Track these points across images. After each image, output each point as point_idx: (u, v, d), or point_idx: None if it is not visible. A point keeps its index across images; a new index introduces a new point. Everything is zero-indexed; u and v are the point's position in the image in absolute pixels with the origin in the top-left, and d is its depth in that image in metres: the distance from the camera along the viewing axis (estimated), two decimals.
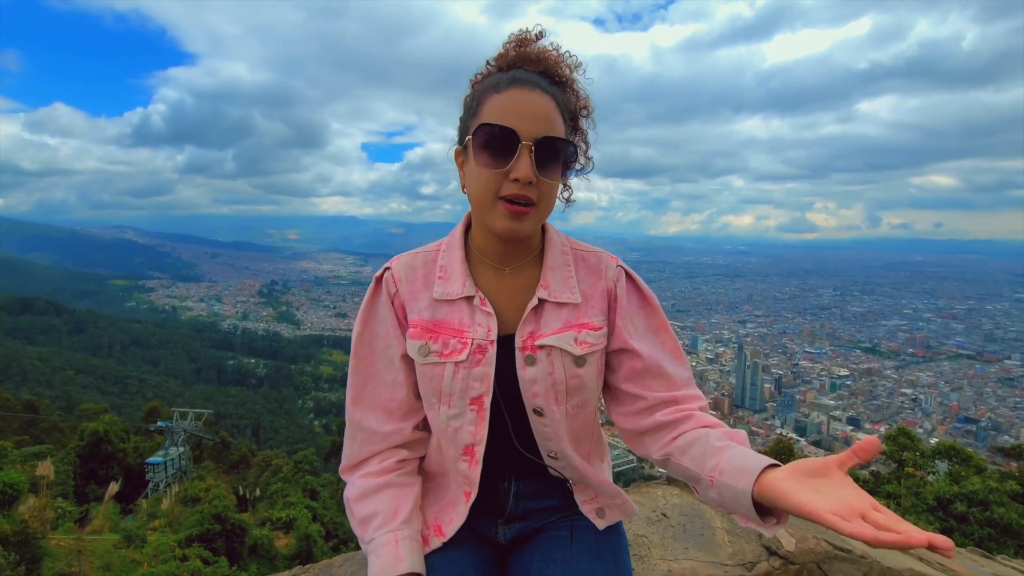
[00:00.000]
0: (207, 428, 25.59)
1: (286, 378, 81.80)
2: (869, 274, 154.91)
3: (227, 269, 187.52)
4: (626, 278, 1.01)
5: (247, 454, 25.13)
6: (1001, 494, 10.18)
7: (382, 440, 0.99)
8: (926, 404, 66.88)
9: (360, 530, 0.93)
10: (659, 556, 1.30)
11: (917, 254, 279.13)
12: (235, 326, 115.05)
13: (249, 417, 55.87)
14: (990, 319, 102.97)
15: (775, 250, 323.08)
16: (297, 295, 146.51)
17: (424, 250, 1.03)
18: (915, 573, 1.58)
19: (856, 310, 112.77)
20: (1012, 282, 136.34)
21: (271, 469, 21.00)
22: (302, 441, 46.79)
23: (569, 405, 0.95)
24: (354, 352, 1.00)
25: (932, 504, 10.16)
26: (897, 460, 11.95)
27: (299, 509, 13.18)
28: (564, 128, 0.90)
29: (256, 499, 16.92)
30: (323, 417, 66.80)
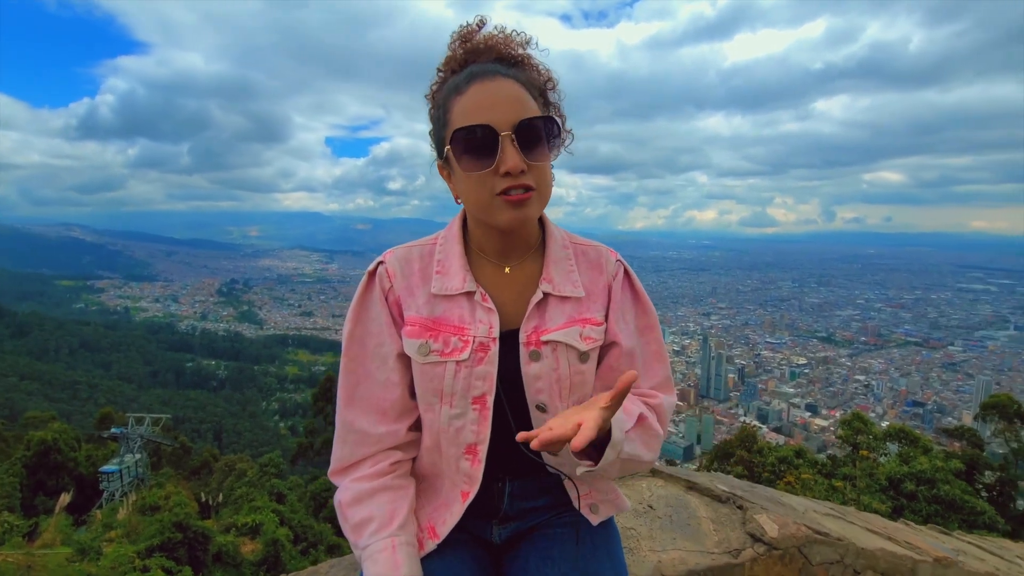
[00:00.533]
0: (165, 433, 24.56)
1: (249, 379, 79.32)
2: (825, 266, 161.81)
3: (183, 268, 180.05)
4: (624, 275, 1.00)
5: (209, 459, 24.25)
6: (946, 472, 10.84)
7: (375, 442, 0.94)
8: (878, 390, 70.58)
9: (354, 536, 0.89)
10: (648, 548, 1.30)
11: (869, 247, 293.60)
12: (193, 327, 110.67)
13: (210, 421, 53.90)
14: (935, 308, 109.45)
15: (737, 244, 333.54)
16: (259, 294, 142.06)
17: (420, 243, 0.98)
18: (886, 552, 1.64)
19: (813, 301, 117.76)
20: (955, 273, 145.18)
21: (235, 473, 20.34)
22: (267, 444, 45.49)
23: (571, 401, 0.93)
24: (345, 351, 0.95)
25: (884, 484, 10.73)
26: (852, 444, 12.56)
27: (265, 513, 12.80)
28: (537, 106, 0.87)
29: (219, 505, 16.36)
30: (289, 419, 65.19)
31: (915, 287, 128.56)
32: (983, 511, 10.30)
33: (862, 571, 1.53)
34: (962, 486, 11.01)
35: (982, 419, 16.68)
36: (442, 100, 0.89)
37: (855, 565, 1.52)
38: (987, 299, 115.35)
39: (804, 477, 10.78)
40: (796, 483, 10.42)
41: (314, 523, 14.57)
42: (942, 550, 1.97)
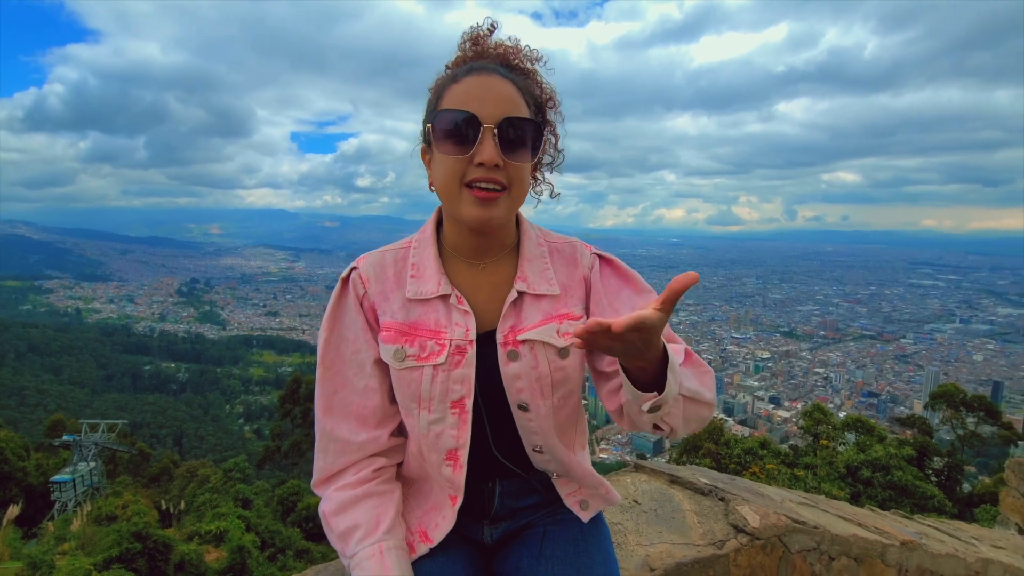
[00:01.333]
0: (122, 440, 23.51)
1: (211, 382, 76.58)
2: (787, 263, 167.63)
3: (139, 267, 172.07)
4: (601, 263, 1.00)
5: (169, 465, 23.34)
6: (899, 459, 11.37)
7: (357, 450, 0.92)
8: (836, 381, 73.62)
9: (341, 545, 0.88)
10: (635, 542, 1.31)
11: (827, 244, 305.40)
12: (151, 328, 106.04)
13: (170, 426, 51.86)
14: (888, 303, 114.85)
15: (704, 242, 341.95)
16: (222, 293, 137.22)
17: (393, 247, 0.98)
18: (858, 538, 1.70)
19: (776, 297, 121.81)
20: (906, 269, 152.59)
21: (197, 480, 19.65)
22: (232, 448, 44.10)
23: (555, 398, 0.92)
24: (321, 359, 0.94)
25: (843, 472, 11.19)
26: (813, 434, 13.05)
27: (231, 520, 12.40)
28: (529, 112, 0.88)
29: (181, 513, 15.77)
30: (254, 422, 63.30)
31: (870, 283, 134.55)
32: (933, 495, 10.88)
33: (836, 557, 1.58)
34: (914, 472, 11.60)
35: (931, 408, 17.62)
36: (439, 86, 0.90)
37: (830, 551, 1.57)
38: (935, 294, 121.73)
39: (769, 467, 11.14)
40: (761, 473, 10.77)
41: (282, 528, 14.20)
42: (907, 534, 2.05)
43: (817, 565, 1.53)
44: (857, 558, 1.65)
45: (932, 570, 1.94)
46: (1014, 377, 71.06)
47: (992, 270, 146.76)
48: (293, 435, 22.69)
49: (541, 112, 0.95)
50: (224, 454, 36.20)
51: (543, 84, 0.96)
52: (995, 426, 16.36)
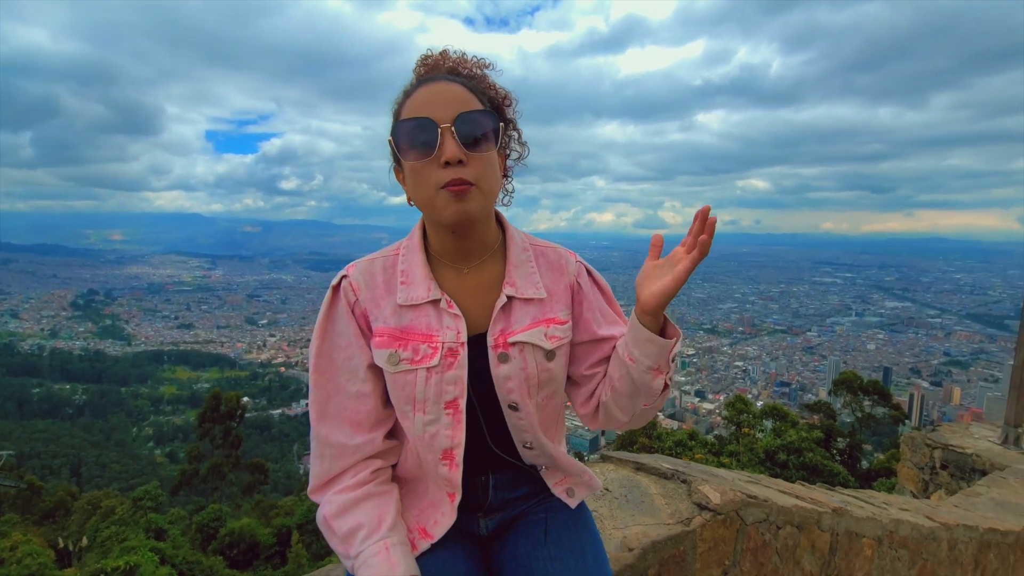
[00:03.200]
0: (6, 473, 20.79)
1: (115, 403, 69.36)
2: (707, 264, 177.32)
3: (25, 278, 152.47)
4: (587, 273, 1.05)
5: (65, 498, 20.87)
6: (809, 442, 12.44)
7: (353, 453, 0.94)
8: (753, 373, 79.43)
9: (344, 547, 0.88)
10: (612, 526, 1.37)
11: (743, 246, 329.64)
12: (40, 346, 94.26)
13: (66, 454, 46.33)
14: (796, 299, 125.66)
15: (633, 245, 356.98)
16: (126, 305, 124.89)
17: (381, 255, 1.00)
18: (799, 507, 1.85)
19: (699, 296, 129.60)
20: (810, 268, 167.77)
21: (101, 512, 17.70)
22: (140, 475, 40.10)
23: (540, 397, 0.97)
24: (314, 367, 0.95)
25: (762, 456, 12.08)
26: (736, 423, 13.99)
27: (142, 553, 11.29)
28: (483, 106, 0.91)
29: (83, 550, 14.16)
30: (167, 444, 58.09)
31: (780, 281, 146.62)
32: (838, 472, 12.00)
33: (782, 526, 1.72)
34: (822, 452, 12.74)
35: (834, 394, 19.37)
36: (396, 106, 0.94)
37: (777, 521, 1.70)
38: (835, 290, 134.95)
39: (698, 457, 11.80)
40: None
41: (203, 557, 13.14)
42: (835, 502, 2.27)
43: (767, 534, 1.65)
44: (799, 526, 1.80)
45: (857, 532, 2.15)
46: (900, 363, 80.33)
47: (880, 268, 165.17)
48: (213, 456, 21.09)
49: (500, 110, 0.99)
50: (131, 482, 32.91)
51: (496, 86, 1.00)
52: (887, 407, 18.24)
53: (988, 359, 78.59)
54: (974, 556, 3.17)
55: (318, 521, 0.93)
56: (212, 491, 21.05)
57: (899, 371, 76.15)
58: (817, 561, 1.93)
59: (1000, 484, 4.52)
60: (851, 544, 2.12)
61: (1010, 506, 3.95)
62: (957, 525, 3.03)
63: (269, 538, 14.54)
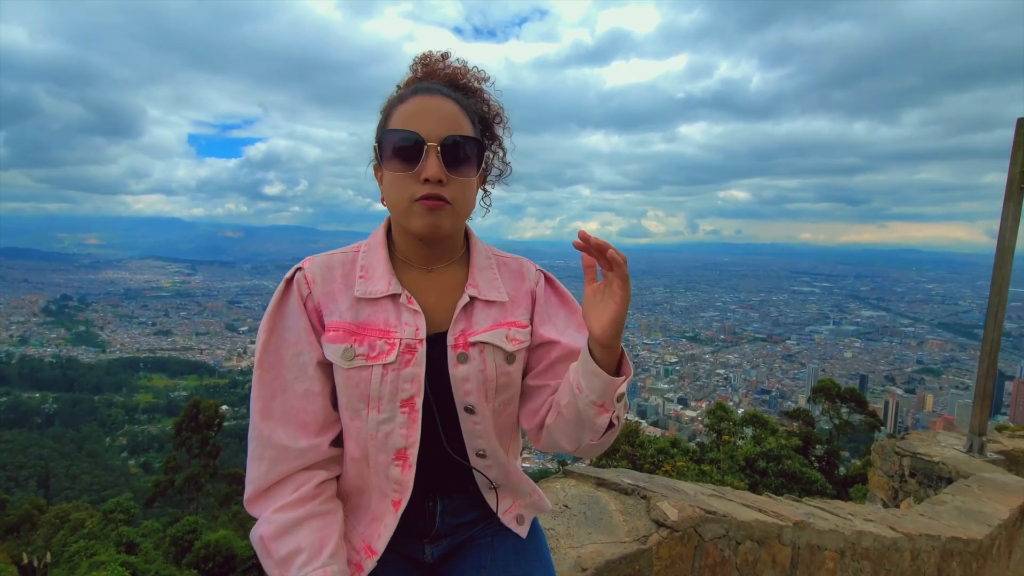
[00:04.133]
0: None
1: (87, 412, 67.22)
2: (690, 273, 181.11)
3: None
4: (545, 281, 1.06)
5: (32, 512, 20.15)
6: (788, 449, 12.61)
7: (296, 457, 0.88)
8: (734, 381, 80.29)
9: (280, 571, 0.83)
10: (567, 545, 1.35)
11: (724, 256, 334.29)
12: (9, 353, 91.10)
13: (33, 465, 44.67)
14: (776, 308, 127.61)
15: None
16: (101, 311, 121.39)
17: (340, 251, 0.98)
18: (759, 522, 1.88)
19: (681, 304, 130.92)
20: (789, 278, 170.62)
21: (69, 525, 17.13)
22: (113, 486, 38.88)
23: (497, 402, 0.95)
24: (259, 362, 0.91)
25: (742, 464, 12.21)
26: (717, 430, 14.12)
27: (112, 568, 10.96)
28: (472, 130, 0.92)
29: (48, 566, 13.66)
30: (141, 455, 56.43)
31: (760, 290, 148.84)
32: (816, 479, 12.18)
33: (742, 541, 1.74)
34: (800, 460, 12.92)
35: (813, 401, 19.68)
36: (387, 107, 0.94)
37: (736, 536, 1.72)
38: (813, 299, 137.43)
39: (679, 465, 11.88)
40: (673, 471, 11.46)
41: (176, 571, 12.79)
42: (798, 515, 2.31)
43: (726, 550, 1.67)
44: (759, 540, 1.83)
45: (819, 544, 2.19)
46: (875, 371, 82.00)
47: (856, 278, 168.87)
48: (190, 467, 20.59)
49: (488, 128, 1.01)
50: (103, 493, 31.91)
51: (490, 101, 1.02)
52: (863, 414, 18.59)
53: (959, 367, 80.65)
54: (937, 565, 3.25)
55: (253, 540, 0.87)
56: (188, 502, 20.51)
57: (875, 379, 77.75)
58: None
59: (964, 492, 4.63)
60: (813, 557, 2.15)
61: (973, 514, 4.05)
62: (920, 535, 3.10)
63: (246, 550, 14.19)
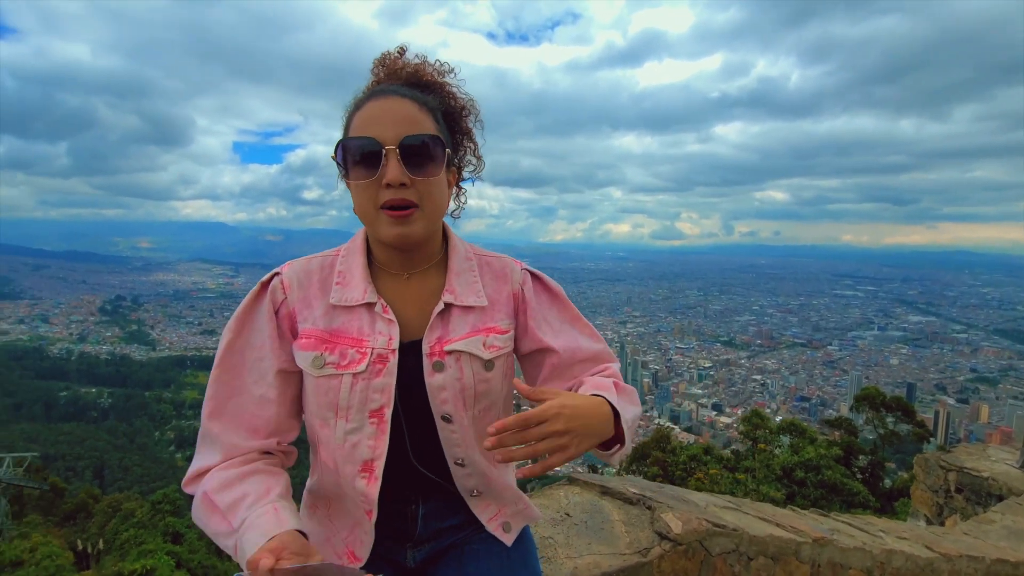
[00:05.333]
0: (31, 475, 21.30)
1: (138, 407, 70.77)
2: (725, 276, 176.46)
3: (56, 283, 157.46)
4: (532, 279, 1.02)
5: (87, 501, 21.32)
6: (828, 459, 12.13)
7: (246, 452, 0.87)
8: (772, 387, 77.66)
9: (226, 520, 0.78)
10: (564, 555, 1.34)
11: (761, 258, 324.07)
12: (69, 350, 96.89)
13: (90, 457, 47.40)
14: (816, 312, 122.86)
15: (649, 256, 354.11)
16: (151, 311, 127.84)
17: (321, 256, 0.97)
18: (774, 537, 1.82)
19: (716, 308, 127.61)
20: (830, 281, 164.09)
21: (120, 515, 18.05)
22: (161, 478, 40.76)
23: (476, 410, 0.93)
24: (220, 361, 0.90)
25: (779, 473, 11.81)
26: (752, 438, 13.71)
27: (159, 557, 11.49)
28: (434, 127, 0.89)
29: (101, 552, 14.44)
30: (187, 449, 58.97)
31: (799, 294, 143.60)
32: (858, 492, 11.66)
33: (755, 557, 1.69)
34: (841, 470, 12.40)
35: (856, 409, 18.82)
36: (347, 117, 0.91)
37: (748, 552, 1.67)
38: (856, 304, 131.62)
39: (712, 472, 11.59)
40: (705, 479, 11.19)
41: (218, 562, 13.30)
42: (820, 531, 2.22)
43: (737, 566, 1.63)
44: (774, 557, 1.77)
45: (842, 563, 2.10)
46: (924, 379, 77.74)
47: (903, 281, 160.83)
48: None
49: (455, 122, 0.97)
50: (152, 485, 33.48)
51: (456, 95, 0.98)
52: (910, 424, 17.69)
53: (1018, 376, 75.59)
54: None
55: (195, 506, 0.84)
56: None
57: (924, 387, 73.76)
58: None
59: (1015, 510, 4.35)
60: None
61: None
62: (960, 556, 2.93)
63: None
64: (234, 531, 0.77)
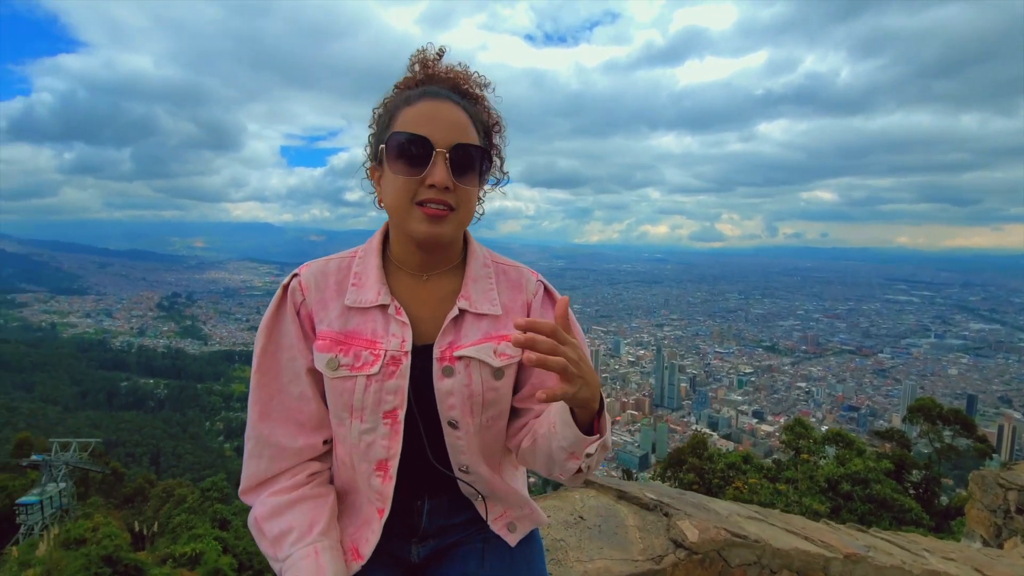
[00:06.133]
0: (94, 459, 22.74)
1: (191, 398, 74.65)
2: (768, 279, 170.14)
3: (119, 280, 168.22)
4: (544, 293, 1.02)
5: (144, 485, 22.64)
6: (878, 472, 11.53)
7: (293, 455, 0.94)
8: (817, 396, 74.38)
9: (273, 549, 0.86)
10: (575, 558, 1.33)
11: (807, 261, 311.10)
12: (129, 343, 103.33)
13: (147, 444, 50.34)
14: (866, 318, 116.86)
15: (687, 257, 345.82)
16: (204, 308, 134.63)
17: (338, 256, 0.99)
18: (800, 551, 1.76)
19: (758, 312, 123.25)
20: (882, 285, 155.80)
21: (173, 500, 19.09)
22: (211, 467, 42.90)
23: (484, 418, 0.94)
24: (257, 366, 0.95)
25: (823, 485, 11.30)
26: (795, 448, 13.18)
27: (207, 541, 12.09)
28: (478, 138, 0.92)
29: (155, 535, 15.31)
30: (235, 439, 61.74)
31: (848, 298, 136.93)
32: (910, 508, 11.02)
33: (778, 571, 1.64)
34: (892, 485, 11.75)
35: (909, 421, 17.81)
36: (392, 106, 0.93)
37: (771, 565, 1.62)
38: (911, 310, 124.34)
39: (751, 482, 11.22)
40: (744, 488, 10.84)
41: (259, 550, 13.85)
42: (854, 547, 2.13)
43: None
44: (799, 571, 1.71)
45: None
46: (987, 391, 72.60)
47: (964, 286, 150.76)
48: None
49: (488, 136, 0.99)
50: (203, 472, 35.27)
51: (490, 110, 1.01)
52: (970, 439, 16.62)
53: None
54: None
55: (249, 523, 0.91)
56: None
57: (986, 399, 68.88)
58: None
59: None
60: None
61: None
62: None
63: None
64: (279, 561, 0.85)
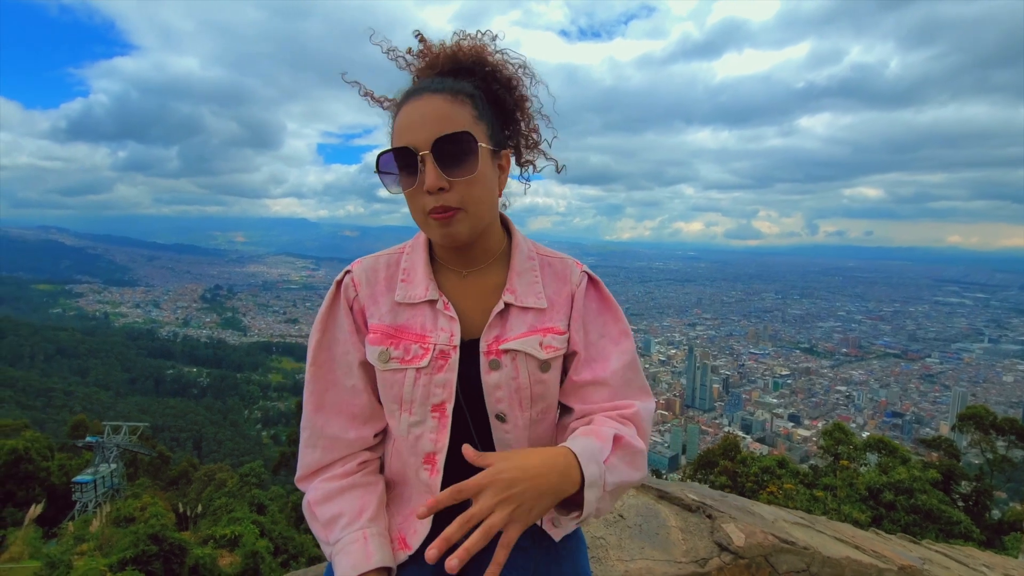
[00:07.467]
0: (143, 442, 23.98)
1: (231, 387, 77.81)
2: (807, 279, 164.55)
3: (166, 273, 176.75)
4: (588, 283, 1.00)
5: (188, 469, 23.73)
6: (923, 482, 11.00)
7: (346, 447, 0.95)
8: (858, 400, 71.63)
9: (325, 533, 0.89)
10: (616, 557, 1.31)
11: (849, 260, 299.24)
12: (175, 333, 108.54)
13: (190, 429, 52.80)
14: (913, 321, 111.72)
15: (722, 256, 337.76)
16: (244, 300, 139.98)
17: (388, 252, 1.00)
18: (852, 560, 1.68)
19: (796, 313, 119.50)
20: (931, 287, 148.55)
21: (215, 483, 19.94)
22: (249, 453, 44.71)
23: (534, 411, 0.93)
24: (312, 359, 0.96)
25: (864, 494, 10.86)
26: (833, 454, 12.71)
27: (245, 525, 12.55)
28: (469, 117, 0.86)
29: (198, 516, 16.01)
30: (271, 427, 64.06)
31: (894, 300, 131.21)
32: (959, 521, 10.46)
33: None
34: (939, 496, 11.19)
35: (959, 430, 16.95)
36: (391, 121, 0.92)
37: (821, 574, 1.55)
38: (962, 312, 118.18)
39: (787, 487, 10.88)
40: (779, 493, 10.52)
41: (295, 534, 14.31)
42: (908, 558, 2.02)
43: None
44: None
45: None
46: None
47: (1022, 288, 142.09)
48: None
49: (509, 91, 0.94)
50: (241, 458, 36.72)
51: (498, 71, 0.93)
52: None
53: None
54: None
55: (303, 507, 0.94)
56: None
57: None
58: None
59: None
60: None
61: None
62: None
63: None
64: (330, 544, 0.88)
